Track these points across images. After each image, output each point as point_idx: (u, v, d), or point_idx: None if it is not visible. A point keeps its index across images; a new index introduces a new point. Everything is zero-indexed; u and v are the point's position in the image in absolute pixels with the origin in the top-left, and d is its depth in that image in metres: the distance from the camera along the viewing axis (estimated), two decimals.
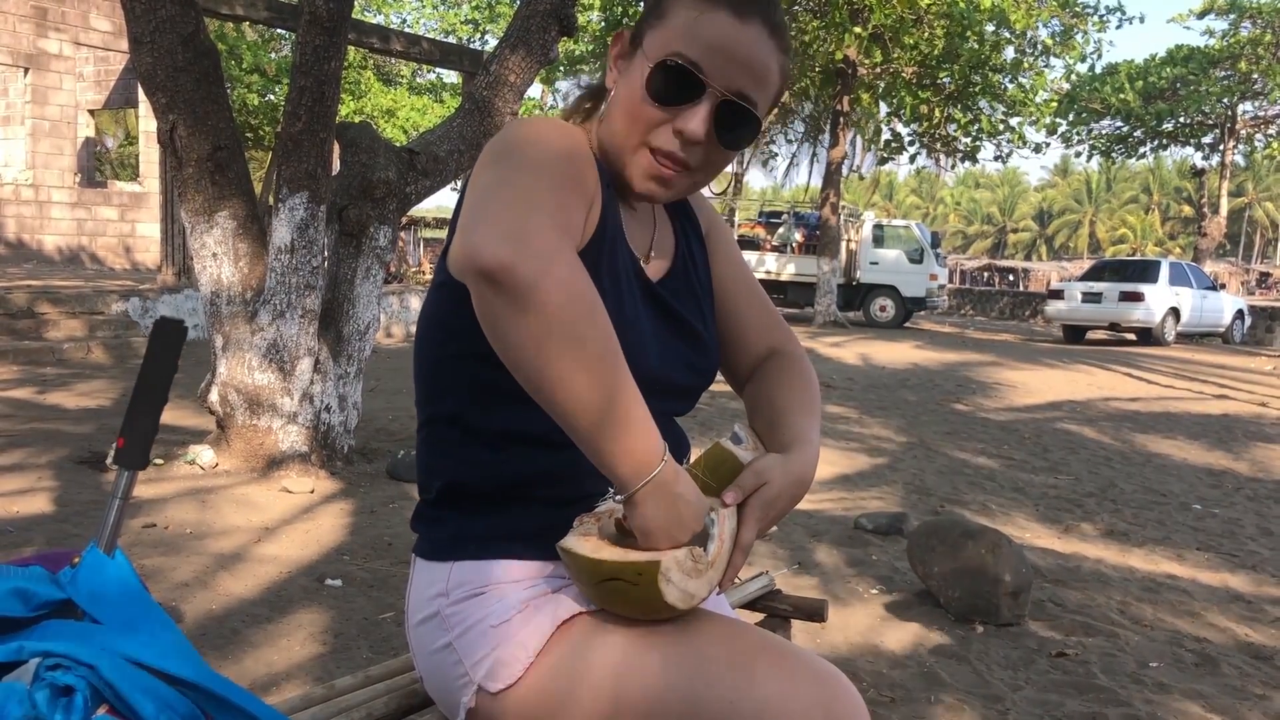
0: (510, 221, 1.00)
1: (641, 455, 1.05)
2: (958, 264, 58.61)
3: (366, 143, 5.49)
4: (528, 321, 0.99)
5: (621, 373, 1.03)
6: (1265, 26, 25.89)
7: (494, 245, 0.98)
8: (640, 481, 1.06)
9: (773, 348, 1.44)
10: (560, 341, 0.99)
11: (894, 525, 4.82)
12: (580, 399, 1.01)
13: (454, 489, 1.29)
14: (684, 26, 1.17)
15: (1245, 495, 6.35)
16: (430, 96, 28.72)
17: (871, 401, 9.60)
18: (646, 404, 1.28)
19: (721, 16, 1.16)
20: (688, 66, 1.16)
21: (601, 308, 1.02)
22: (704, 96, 1.17)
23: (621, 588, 1.12)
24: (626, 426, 1.03)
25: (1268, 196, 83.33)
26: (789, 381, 1.37)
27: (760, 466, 1.19)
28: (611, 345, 1.02)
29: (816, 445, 1.28)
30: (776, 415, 1.32)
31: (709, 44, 1.16)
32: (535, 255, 0.99)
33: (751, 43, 1.18)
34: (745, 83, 1.18)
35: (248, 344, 5.22)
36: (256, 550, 4.07)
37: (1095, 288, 18.92)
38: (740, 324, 1.43)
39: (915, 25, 17.97)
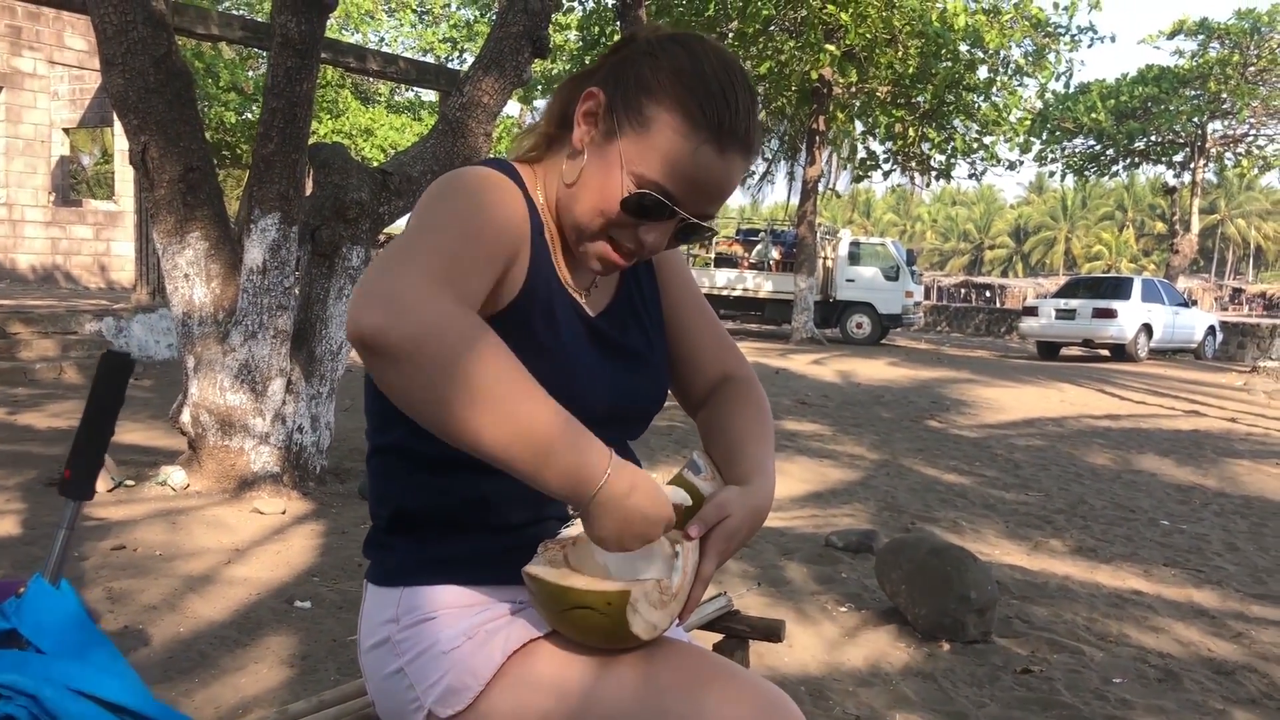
0: (384, 285, 1.01)
1: (581, 473, 1.06)
2: (935, 281, 58.96)
3: (339, 164, 5.51)
4: (411, 378, 1.00)
5: (531, 400, 1.03)
6: (1233, 47, 26.26)
7: (365, 312, 0.99)
8: (585, 498, 1.07)
9: (725, 373, 1.47)
10: (449, 389, 1.00)
11: (864, 542, 4.85)
12: (493, 438, 1.02)
13: (403, 515, 1.31)
14: (668, 157, 1.18)
15: (1213, 511, 6.42)
16: (408, 115, 28.77)
17: (846, 419, 9.65)
18: (599, 432, 1.31)
19: (706, 152, 1.18)
20: (665, 199, 1.19)
21: (490, 342, 1.03)
22: (672, 219, 1.22)
23: (588, 616, 1.14)
24: (554, 450, 1.04)
25: (1239, 213, 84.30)
26: (744, 409, 1.40)
27: (722, 499, 1.22)
28: (509, 376, 1.03)
29: (773, 475, 1.31)
30: (733, 444, 1.34)
31: (688, 178, 1.19)
32: (403, 312, 0.99)
33: (726, 176, 1.21)
34: (711, 207, 1.23)
35: (219, 364, 5.21)
36: (226, 572, 4.06)
37: (1069, 305, 19.08)
38: (692, 349, 1.46)
39: (890, 45, 18.13)
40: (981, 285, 62.33)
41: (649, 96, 1.20)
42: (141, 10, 5.05)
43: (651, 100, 1.19)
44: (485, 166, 1.28)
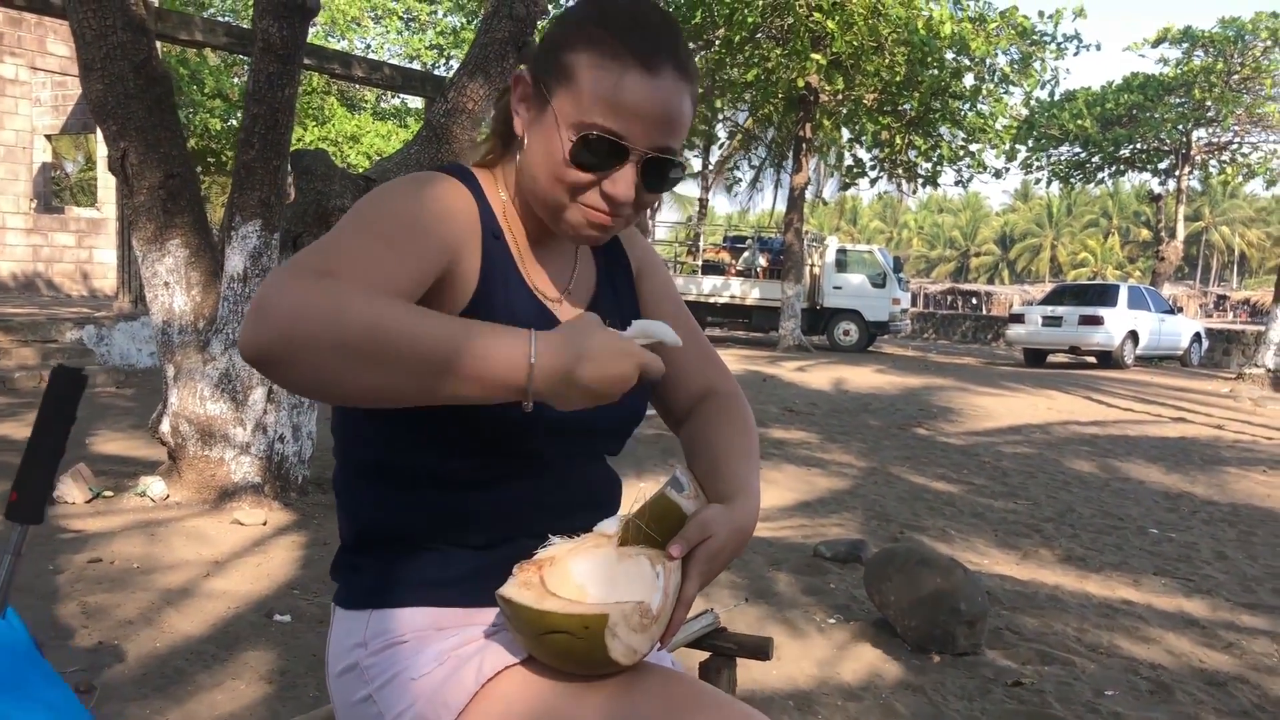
0: (255, 299, 0.96)
1: (501, 372, 0.98)
2: (921, 287, 59.12)
3: (322, 170, 5.45)
4: (302, 373, 0.94)
5: (415, 330, 0.95)
6: (1217, 55, 26.39)
7: (241, 331, 0.95)
8: (526, 394, 1.00)
9: (709, 387, 1.42)
10: (339, 365, 0.94)
11: (853, 552, 4.81)
12: (401, 386, 0.96)
13: (371, 534, 1.26)
14: (596, 92, 1.14)
15: (1201, 519, 6.40)
16: (395, 122, 28.71)
17: (834, 426, 9.62)
18: (570, 446, 1.26)
19: (633, 77, 1.14)
20: (610, 137, 1.14)
21: (355, 300, 0.95)
22: (628, 160, 1.16)
23: (564, 641, 1.08)
24: (460, 363, 0.96)
25: (1224, 221, 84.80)
26: (728, 424, 1.35)
27: (705, 518, 1.16)
28: (387, 319, 0.95)
29: (757, 493, 1.26)
30: (717, 461, 1.29)
31: (626, 109, 1.14)
32: (264, 315, 0.93)
33: (666, 96, 1.15)
34: (665, 137, 1.17)
35: (200, 374, 5.14)
36: (205, 585, 3.99)
37: (1055, 312, 19.12)
38: (675, 363, 1.41)
39: (876, 53, 18.14)
40: (968, 292, 62.55)
41: (563, 50, 1.17)
42: (121, 15, 4.99)
43: (567, 51, 1.17)
44: (442, 174, 1.24)
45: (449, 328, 0.97)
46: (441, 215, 1.17)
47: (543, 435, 1.21)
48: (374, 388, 0.96)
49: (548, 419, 1.20)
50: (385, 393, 0.96)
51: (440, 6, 31.99)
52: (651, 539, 1.16)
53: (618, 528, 1.17)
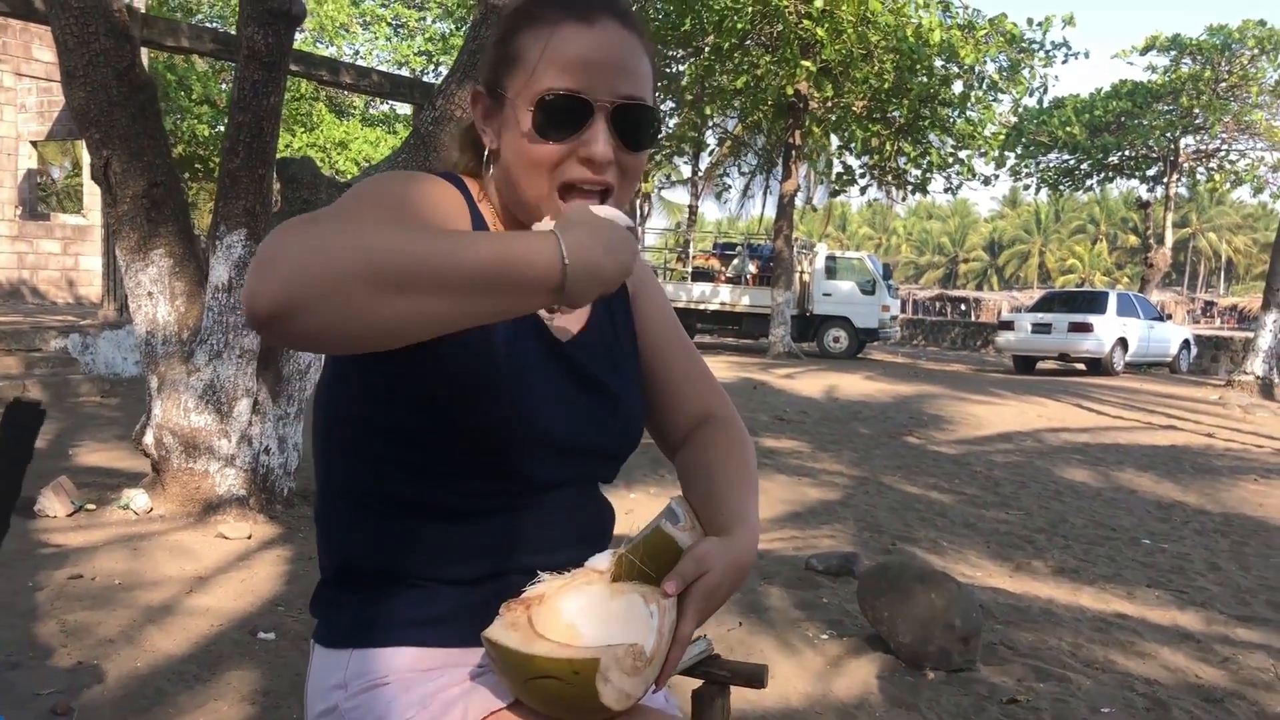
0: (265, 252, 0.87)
1: (538, 275, 0.93)
2: (910, 293, 59.28)
3: (308, 178, 5.39)
4: (330, 313, 0.84)
5: (440, 245, 0.89)
6: (1205, 63, 26.49)
7: (253, 288, 0.85)
8: (559, 289, 0.94)
9: (706, 412, 1.37)
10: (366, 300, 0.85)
11: (845, 565, 4.76)
12: (436, 306, 0.89)
13: (352, 568, 1.20)
14: (541, 58, 1.12)
15: (1193, 529, 6.37)
16: (383, 128, 28.65)
17: (824, 435, 9.58)
18: (562, 469, 1.21)
19: (570, 29, 1.12)
20: (565, 92, 1.11)
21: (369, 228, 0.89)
22: (594, 114, 1.12)
23: (553, 686, 1.03)
24: (496, 272, 0.91)
25: (1211, 227, 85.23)
26: (725, 452, 1.30)
27: (701, 553, 1.11)
28: (414, 244, 0.88)
29: (756, 524, 1.21)
30: (714, 490, 1.24)
31: (573, 62, 1.11)
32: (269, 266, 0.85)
33: (611, 43, 1.13)
34: (625, 84, 1.14)
35: (184, 385, 5.07)
36: (188, 602, 3.92)
37: (1045, 319, 19.14)
38: (671, 387, 1.36)
39: (865, 60, 18.15)
40: (956, 298, 62.72)
41: (503, 42, 1.17)
42: (104, 21, 4.92)
43: (506, 41, 1.17)
44: (439, 178, 1.20)
45: (478, 240, 0.93)
46: (436, 207, 1.14)
47: (536, 456, 1.16)
48: (408, 316, 0.88)
49: (543, 440, 1.16)
50: (419, 321, 0.89)
51: (429, 13, 31.96)
52: (645, 574, 1.11)
53: (610, 563, 1.12)
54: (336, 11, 29.93)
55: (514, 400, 1.14)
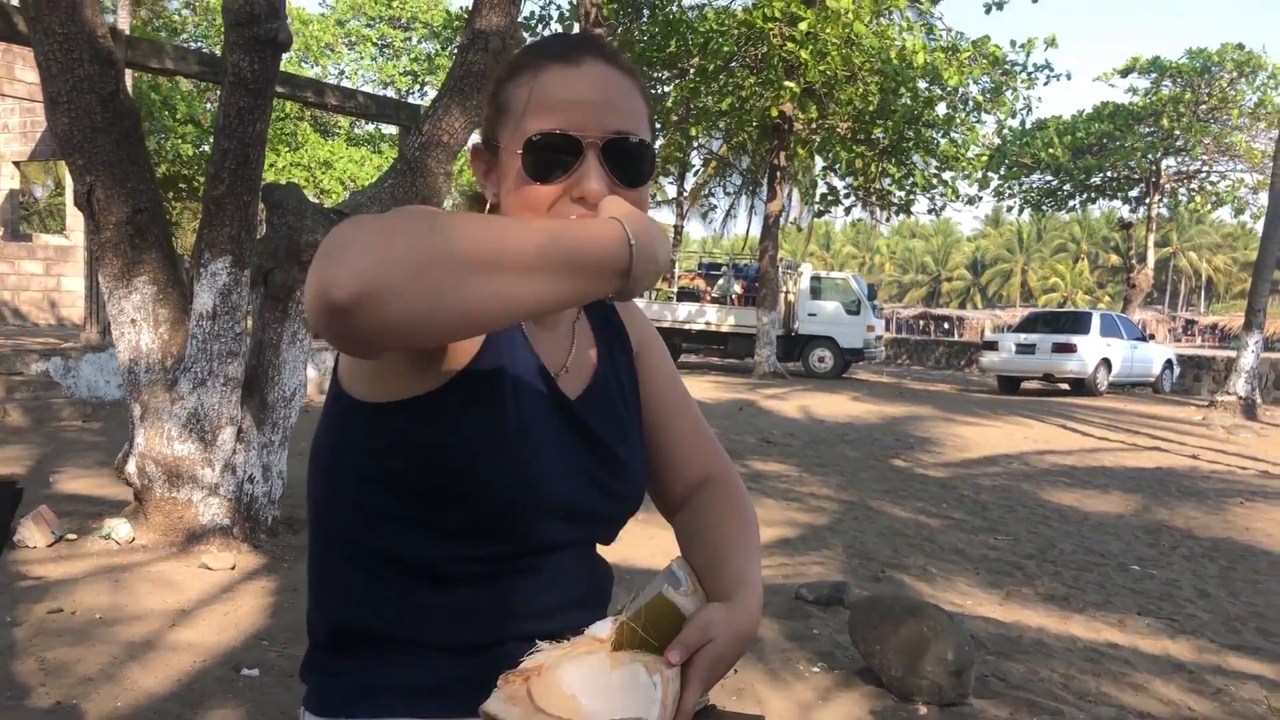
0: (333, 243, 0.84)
1: (610, 259, 0.93)
2: (894, 312, 59.47)
3: (294, 204, 5.35)
4: (417, 295, 0.82)
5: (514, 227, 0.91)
6: (1185, 86, 26.74)
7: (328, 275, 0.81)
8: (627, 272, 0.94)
9: (707, 474, 1.33)
10: (454, 277, 0.84)
11: (835, 595, 4.73)
12: (518, 288, 0.88)
13: (345, 631, 1.16)
14: (528, 103, 1.11)
15: (1181, 554, 6.37)
16: (369, 148, 28.64)
17: (811, 458, 9.56)
18: (564, 531, 1.17)
19: (554, 71, 1.11)
20: (552, 131, 1.09)
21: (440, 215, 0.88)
22: (584, 151, 1.10)
23: None
24: (573, 252, 0.91)
25: (1191, 246, 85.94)
26: (727, 514, 1.27)
27: (704, 620, 1.07)
28: (490, 225, 0.90)
29: (760, 590, 1.17)
30: (716, 554, 1.21)
31: (559, 102, 1.10)
32: (351, 248, 0.82)
33: (596, 81, 1.12)
34: (614, 120, 1.11)
35: (167, 413, 5.01)
36: (170, 636, 3.86)
37: (1029, 339, 19.20)
38: (672, 447, 1.33)
39: (850, 82, 18.24)
40: (940, 317, 62.96)
41: (495, 96, 1.18)
42: (88, 47, 4.89)
43: (497, 94, 1.17)
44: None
45: (549, 224, 0.94)
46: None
47: (540, 518, 1.13)
48: (492, 298, 0.86)
49: (547, 502, 1.13)
50: (504, 303, 0.88)
51: (414, 33, 32.03)
52: (647, 642, 1.07)
53: (611, 630, 1.08)
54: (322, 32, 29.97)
55: (520, 459, 1.11)
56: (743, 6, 19.60)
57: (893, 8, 18.63)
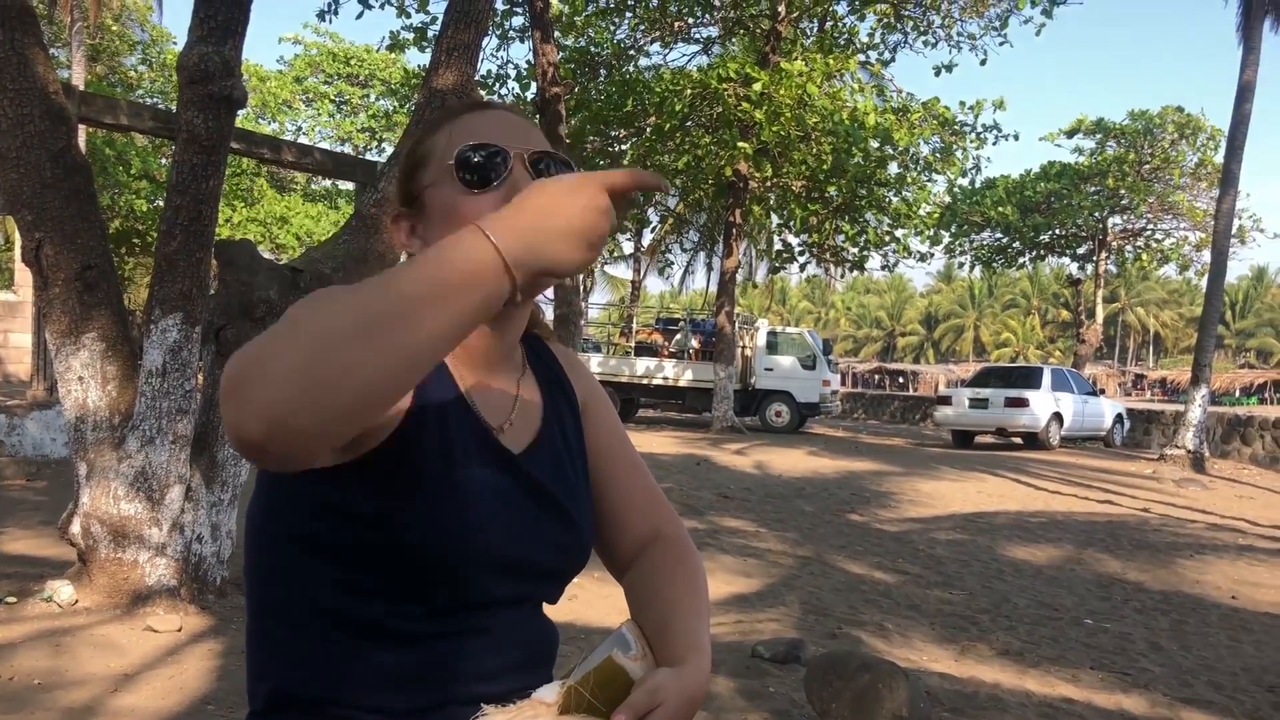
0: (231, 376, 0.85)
1: (476, 267, 0.89)
2: (850, 367, 59.99)
3: (246, 261, 5.33)
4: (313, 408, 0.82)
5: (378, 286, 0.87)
6: (1128, 146, 27.47)
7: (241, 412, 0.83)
8: (501, 267, 0.89)
9: (655, 531, 1.33)
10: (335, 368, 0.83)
11: (792, 652, 4.71)
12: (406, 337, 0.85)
13: (283, 696, 1.14)
14: (450, 140, 1.17)
15: (1133, 607, 6.42)
16: (325, 203, 28.60)
17: (768, 513, 9.56)
18: (509, 589, 1.17)
19: (471, 114, 1.20)
20: (480, 143, 1.15)
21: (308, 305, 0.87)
22: (512, 159, 1.15)
23: None
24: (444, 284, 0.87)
25: (1138, 302, 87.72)
26: (676, 575, 1.27)
27: (654, 685, 1.07)
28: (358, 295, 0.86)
29: (709, 654, 1.17)
30: (666, 616, 1.20)
31: (479, 131, 1.17)
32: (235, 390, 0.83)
33: (508, 120, 1.20)
34: (532, 143, 1.19)
35: (114, 472, 4.93)
36: (112, 702, 3.76)
37: (981, 394, 19.43)
38: (619, 504, 1.33)
39: (803, 142, 18.53)
40: (895, 371, 63.59)
41: (412, 153, 1.22)
42: (40, 103, 4.87)
43: (416, 151, 1.21)
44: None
45: (405, 265, 0.91)
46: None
47: (484, 577, 1.12)
48: (387, 355, 0.84)
49: (491, 560, 1.12)
50: (402, 358, 0.85)
51: (372, 90, 32.18)
52: (595, 707, 1.06)
53: (558, 694, 1.07)
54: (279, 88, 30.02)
55: (454, 518, 1.10)
56: (698, 67, 19.93)
57: (845, 70, 19.04)
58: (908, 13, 19.90)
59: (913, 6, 19.79)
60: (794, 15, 19.54)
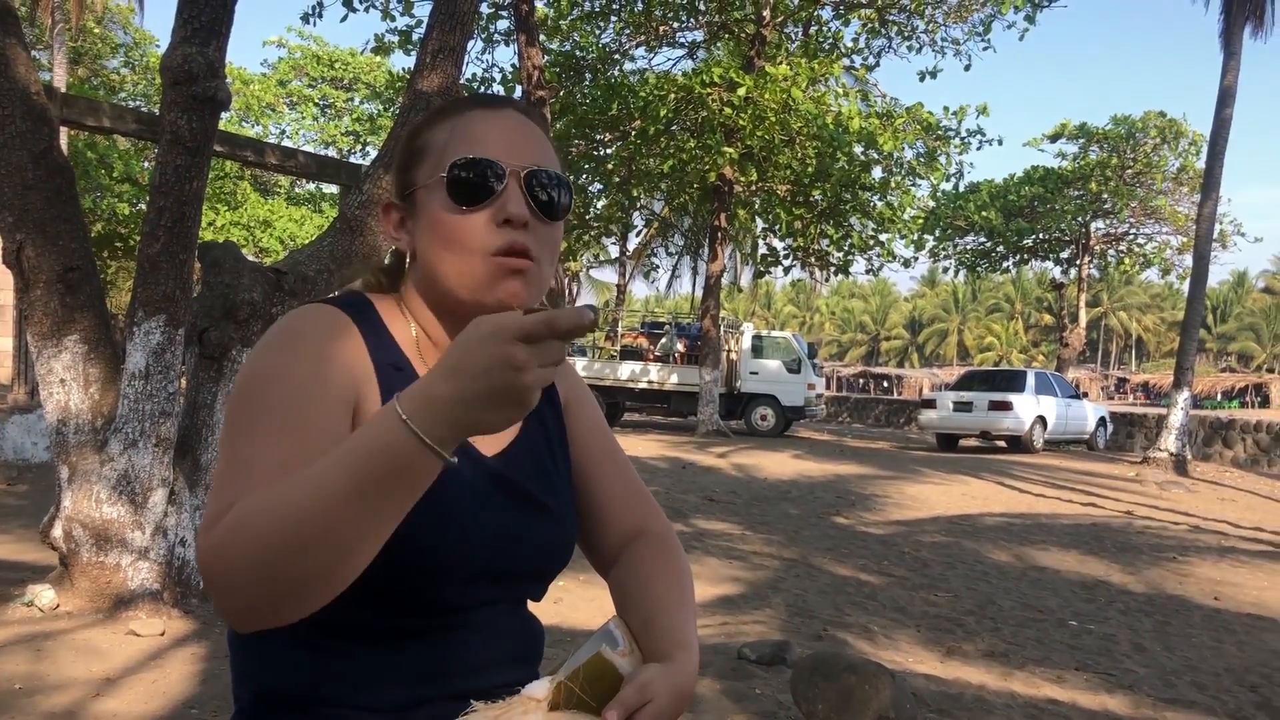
0: (201, 568, 0.96)
1: (392, 451, 0.88)
2: (834, 371, 60.12)
3: (230, 263, 5.30)
4: (288, 612, 0.94)
5: (304, 494, 0.89)
6: (1111, 151, 27.64)
7: (219, 606, 0.96)
8: (420, 446, 0.88)
9: (640, 528, 1.33)
10: (269, 576, 0.90)
11: (777, 654, 4.70)
12: (346, 542, 0.90)
13: (269, 697, 1.13)
14: (449, 141, 1.15)
15: (1118, 609, 6.45)
16: (309, 207, 28.50)
17: (754, 516, 9.56)
18: (490, 590, 1.16)
19: (476, 113, 1.17)
20: (475, 157, 1.13)
21: (248, 515, 0.92)
22: (506, 178, 1.13)
23: None
24: (364, 478, 0.89)
25: (1121, 306, 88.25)
26: (662, 571, 1.26)
27: (643, 680, 1.06)
28: (286, 510, 0.89)
29: (696, 648, 1.17)
30: (653, 612, 1.19)
31: (480, 137, 1.15)
32: (215, 579, 0.93)
33: (516, 125, 1.17)
34: (533, 156, 1.16)
35: (96, 475, 4.89)
36: (94, 707, 3.73)
37: (965, 397, 19.50)
38: (604, 500, 1.32)
39: (788, 146, 18.58)
40: (879, 375, 63.75)
41: (411, 142, 1.20)
42: (21, 104, 4.83)
43: (414, 140, 1.20)
44: (324, 306, 1.17)
45: (339, 464, 0.89)
46: (325, 370, 1.08)
47: (463, 580, 1.12)
48: (339, 557, 0.91)
49: (469, 563, 1.11)
50: (343, 559, 0.91)
51: (356, 94, 32.10)
52: (585, 703, 1.06)
53: (547, 690, 1.07)
54: (263, 92, 29.92)
55: (437, 523, 1.09)
56: (683, 72, 19.96)
57: (829, 75, 19.11)
58: (892, 18, 19.99)
59: (897, 11, 19.88)
60: (779, 20, 19.61)
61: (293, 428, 1.02)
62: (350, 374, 1.10)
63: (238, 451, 1.01)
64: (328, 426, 1.04)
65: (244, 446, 1.01)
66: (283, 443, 1.00)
